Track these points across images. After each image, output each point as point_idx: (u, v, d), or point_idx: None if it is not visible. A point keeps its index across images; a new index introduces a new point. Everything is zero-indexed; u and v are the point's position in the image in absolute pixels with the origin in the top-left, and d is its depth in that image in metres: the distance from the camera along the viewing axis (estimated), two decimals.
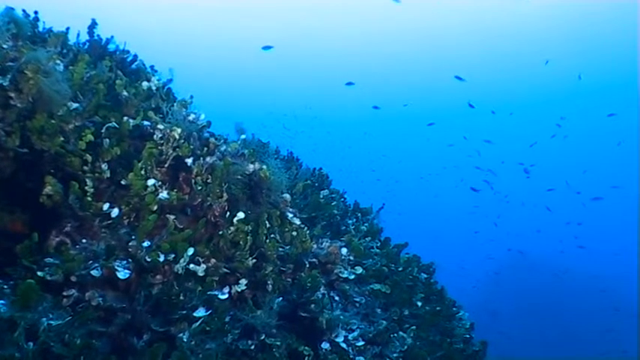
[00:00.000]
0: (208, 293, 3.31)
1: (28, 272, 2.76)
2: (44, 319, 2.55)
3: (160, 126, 3.67)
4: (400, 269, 5.05)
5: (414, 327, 4.46)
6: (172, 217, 3.40)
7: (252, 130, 4.79)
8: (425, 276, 5.35)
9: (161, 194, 3.41)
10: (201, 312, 3.17)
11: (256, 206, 3.96)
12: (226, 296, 3.40)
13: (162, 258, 3.16)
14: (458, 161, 32.88)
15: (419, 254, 5.46)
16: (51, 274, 2.78)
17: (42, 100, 3.07)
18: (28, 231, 2.93)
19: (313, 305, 3.74)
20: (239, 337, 3.31)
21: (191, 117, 3.93)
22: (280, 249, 3.94)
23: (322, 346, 3.63)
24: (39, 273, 2.76)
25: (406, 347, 4.18)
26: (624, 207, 34.09)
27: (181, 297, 3.16)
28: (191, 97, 4.14)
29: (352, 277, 4.35)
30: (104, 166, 3.31)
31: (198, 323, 3.10)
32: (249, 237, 3.64)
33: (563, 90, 40.84)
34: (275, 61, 40.57)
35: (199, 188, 3.61)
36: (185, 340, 3.00)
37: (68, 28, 3.91)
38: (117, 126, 3.48)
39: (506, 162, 31.60)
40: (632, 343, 18.81)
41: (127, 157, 3.47)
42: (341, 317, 3.90)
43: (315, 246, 4.29)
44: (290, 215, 4.27)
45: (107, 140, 3.37)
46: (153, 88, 4.06)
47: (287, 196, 4.28)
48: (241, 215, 3.67)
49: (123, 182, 3.36)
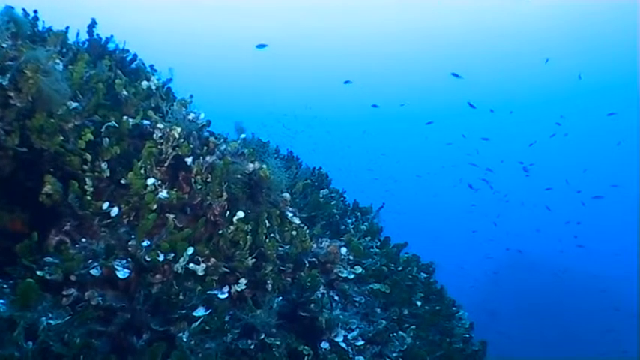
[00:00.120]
0: (208, 292, 3.31)
1: (28, 271, 2.76)
2: (44, 319, 2.55)
3: (160, 125, 3.67)
4: (400, 269, 5.05)
5: (414, 326, 4.47)
6: (172, 217, 3.41)
7: (251, 130, 4.79)
8: (424, 275, 5.35)
9: (161, 193, 3.41)
10: (200, 311, 3.17)
11: (256, 205, 3.96)
12: (226, 295, 3.41)
13: (161, 257, 3.16)
14: (457, 160, 32.87)
15: (417, 254, 5.46)
16: (50, 274, 2.78)
17: (41, 100, 3.07)
18: (28, 230, 2.93)
19: (313, 305, 3.74)
20: (239, 337, 3.31)
21: (191, 116, 3.93)
22: (280, 248, 3.94)
23: (322, 346, 3.63)
24: (38, 272, 2.76)
25: (406, 347, 4.18)
26: (624, 206, 34.11)
27: (181, 296, 3.16)
28: (191, 97, 4.14)
29: (352, 277, 4.36)
30: (104, 165, 3.31)
31: (197, 322, 3.11)
32: (248, 236, 3.64)
33: (562, 89, 40.91)
34: (275, 61, 40.64)
35: (199, 187, 3.61)
36: (185, 340, 3.01)
37: (68, 28, 3.91)
38: (116, 125, 3.48)
39: (505, 161, 31.63)
40: (632, 343, 18.81)
41: (127, 157, 3.47)
42: (340, 317, 3.90)
43: (314, 245, 4.29)
44: (290, 215, 4.27)
45: (107, 139, 3.37)
46: (152, 88, 4.06)
47: (287, 196, 4.28)
48: (241, 214, 3.68)
49: (122, 181, 3.36)
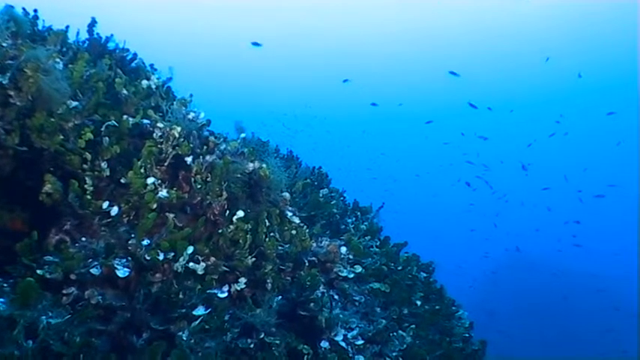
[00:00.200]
0: (208, 292, 3.32)
1: (28, 270, 2.76)
2: (44, 318, 2.55)
3: (160, 124, 3.67)
4: (399, 268, 5.05)
5: (414, 326, 4.47)
6: (172, 216, 3.41)
7: (251, 129, 4.79)
8: (424, 275, 5.35)
9: (161, 193, 3.41)
10: (200, 310, 3.17)
11: (256, 205, 3.96)
12: (226, 295, 3.41)
13: (161, 256, 3.16)
14: (456, 159, 32.90)
15: (416, 253, 5.46)
16: (50, 273, 2.78)
17: (41, 99, 3.07)
18: (28, 229, 2.93)
19: (312, 304, 3.75)
20: (238, 336, 3.31)
21: (191, 115, 3.93)
22: (280, 247, 3.95)
23: (321, 345, 3.63)
24: (38, 271, 2.76)
25: (405, 346, 4.19)
26: (624, 206, 34.10)
27: (181, 295, 3.16)
28: (191, 96, 4.14)
29: (351, 276, 4.36)
30: (104, 165, 3.31)
31: (197, 322, 3.11)
32: (248, 235, 3.64)
33: (562, 89, 40.88)
34: (276, 60, 40.67)
35: (199, 187, 3.61)
36: (184, 339, 3.01)
37: (68, 27, 3.91)
38: (116, 124, 3.48)
39: (505, 160, 31.63)
40: (632, 343, 18.81)
41: (127, 156, 3.47)
42: (340, 316, 3.90)
43: (314, 245, 4.29)
44: (289, 214, 4.28)
45: (107, 138, 3.37)
46: (152, 87, 4.06)
47: (286, 195, 4.28)
48: (241, 214, 3.68)
49: (122, 180, 3.36)
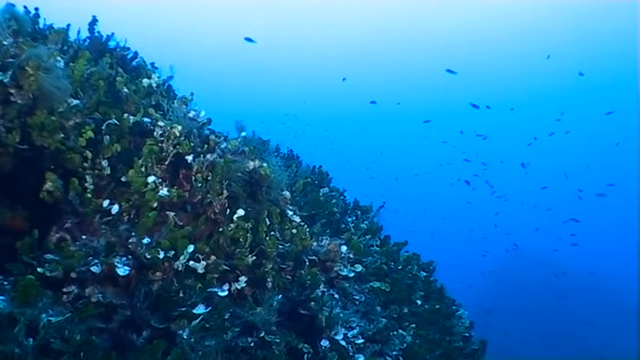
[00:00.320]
0: (208, 290, 3.32)
1: (28, 268, 2.76)
2: (44, 316, 2.55)
3: (161, 123, 3.67)
4: (400, 267, 5.05)
5: (414, 325, 4.47)
6: (172, 214, 3.41)
7: (252, 128, 4.79)
8: (424, 274, 5.36)
9: (161, 191, 3.41)
10: (200, 309, 3.17)
11: (256, 204, 3.96)
12: (226, 293, 3.41)
13: (162, 255, 3.16)
14: (456, 158, 32.81)
15: (415, 252, 5.46)
16: (51, 271, 2.78)
17: (42, 97, 3.07)
18: (29, 227, 2.93)
19: (313, 303, 3.75)
20: (239, 335, 3.31)
21: (191, 114, 3.94)
22: (280, 246, 3.95)
23: (322, 344, 3.63)
24: (39, 269, 2.76)
25: (405, 345, 4.19)
26: (624, 205, 34.08)
27: (181, 294, 3.16)
28: (191, 95, 4.14)
29: (352, 275, 4.36)
30: (104, 163, 3.31)
31: (197, 320, 3.11)
32: (249, 234, 3.64)
33: (563, 88, 40.85)
34: (276, 60, 40.67)
35: (199, 185, 3.61)
36: (185, 337, 3.01)
37: (69, 25, 3.91)
38: (117, 123, 3.48)
39: (505, 159, 31.60)
40: (632, 343, 18.80)
41: (128, 154, 3.48)
42: (340, 315, 3.90)
43: (314, 244, 4.29)
44: (290, 213, 4.28)
45: (107, 137, 3.37)
46: (153, 85, 4.06)
47: (287, 194, 4.28)
48: (241, 212, 3.68)
49: (123, 179, 3.36)
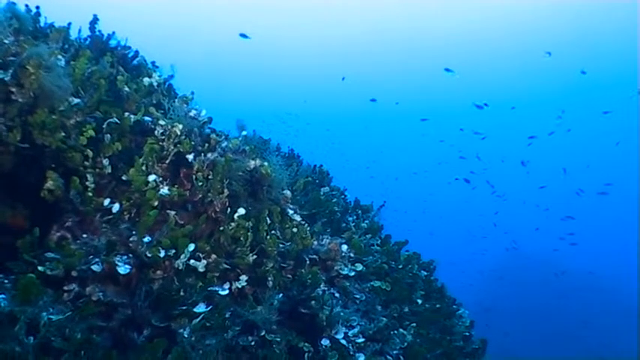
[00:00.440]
0: (209, 289, 3.32)
1: (29, 267, 2.76)
2: (45, 314, 2.55)
3: (162, 122, 3.67)
4: (400, 267, 5.05)
5: (414, 324, 4.47)
6: (173, 213, 3.41)
7: (254, 128, 4.79)
8: (425, 273, 5.36)
9: (162, 190, 3.41)
10: (201, 308, 3.17)
11: (257, 202, 3.96)
12: (227, 292, 3.42)
13: (162, 253, 3.16)
14: (455, 157, 32.78)
15: (416, 251, 5.46)
16: (52, 269, 2.79)
17: (43, 95, 3.07)
18: (29, 226, 2.93)
19: (313, 302, 3.75)
20: (239, 333, 3.31)
21: (192, 113, 3.94)
22: (281, 245, 3.95)
23: (322, 343, 3.64)
24: (40, 268, 2.76)
25: (406, 344, 4.19)
26: (623, 205, 34.04)
27: (182, 293, 3.16)
28: (192, 94, 4.14)
29: (352, 274, 4.36)
30: (105, 162, 3.31)
31: (198, 319, 3.11)
32: (249, 233, 3.65)
33: (562, 88, 40.80)
34: (277, 60, 40.66)
35: (200, 184, 3.61)
36: (185, 336, 3.01)
37: (70, 24, 3.91)
38: (118, 121, 3.48)
39: (505, 158, 31.57)
40: (632, 343, 18.79)
41: (128, 153, 3.48)
42: (341, 314, 3.90)
43: (315, 243, 4.29)
44: (290, 212, 4.28)
45: (108, 136, 3.37)
46: (154, 84, 4.06)
47: (288, 193, 4.28)
48: (242, 211, 3.68)
49: (124, 178, 3.36)
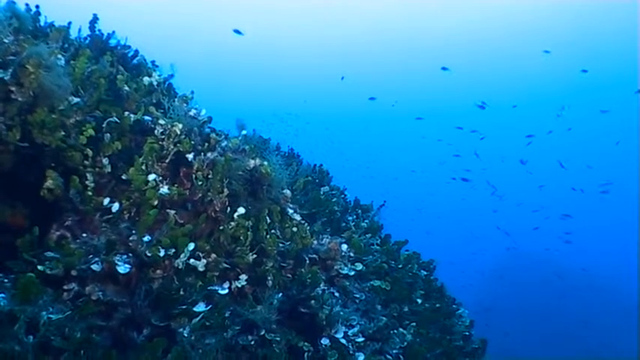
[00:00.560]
0: (208, 288, 3.32)
1: (29, 266, 2.76)
2: (44, 313, 2.55)
3: (161, 121, 3.67)
4: (400, 266, 5.05)
5: (414, 324, 4.47)
6: (173, 212, 3.41)
7: (254, 127, 4.79)
8: (425, 273, 5.36)
9: (162, 189, 3.41)
10: (201, 307, 3.17)
11: (257, 202, 3.96)
12: (226, 291, 3.41)
13: (162, 253, 3.16)
14: (456, 157, 32.79)
15: (416, 251, 5.45)
16: (51, 268, 2.79)
17: (43, 95, 3.07)
18: (29, 225, 2.93)
19: (313, 301, 3.75)
20: (239, 333, 3.31)
21: (192, 112, 3.94)
22: (280, 245, 3.95)
23: (322, 342, 3.64)
24: (39, 267, 2.76)
25: (406, 344, 4.19)
26: (623, 204, 34.01)
27: (181, 292, 3.16)
28: (192, 93, 4.14)
29: (352, 274, 4.36)
30: (105, 161, 3.31)
31: (198, 318, 3.11)
32: (249, 232, 3.64)
33: (562, 88, 40.76)
34: (277, 60, 40.66)
35: (200, 183, 3.61)
36: (185, 335, 3.01)
37: (70, 23, 3.91)
38: (118, 121, 3.48)
39: (505, 157, 31.55)
40: (631, 343, 18.79)
41: (128, 152, 3.48)
42: (341, 313, 3.90)
43: (315, 242, 4.29)
44: (290, 211, 4.28)
45: (108, 135, 3.37)
46: (154, 84, 4.06)
47: (287, 192, 4.28)
48: (242, 211, 3.68)
49: (124, 177, 3.36)
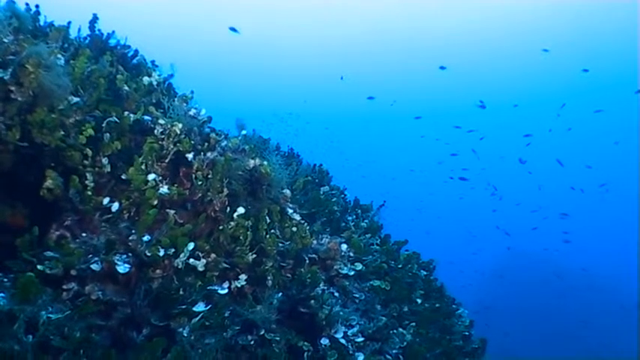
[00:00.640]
0: (208, 288, 3.32)
1: (28, 265, 2.76)
2: (44, 313, 2.55)
3: (161, 121, 3.67)
4: (400, 266, 5.05)
5: (414, 324, 4.47)
6: (172, 212, 3.41)
7: (253, 127, 4.79)
8: (424, 273, 5.36)
9: (161, 189, 3.41)
10: (200, 307, 3.17)
11: (256, 202, 3.96)
12: (226, 291, 3.41)
13: (162, 252, 3.16)
14: (456, 157, 32.76)
15: (415, 251, 5.45)
16: (51, 268, 2.78)
17: (43, 94, 3.07)
18: (29, 225, 2.93)
19: (313, 301, 3.75)
20: (239, 333, 3.31)
21: (192, 112, 3.94)
22: (280, 244, 3.95)
23: (322, 342, 3.64)
24: (39, 266, 2.76)
25: (405, 344, 4.19)
26: (623, 204, 34.02)
27: (181, 292, 3.16)
28: (192, 93, 4.14)
29: (352, 274, 4.36)
30: (104, 161, 3.31)
31: (197, 318, 3.11)
32: (249, 232, 3.64)
33: (562, 88, 40.75)
34: (277, 60, 40.65)
35: (200, 183, 3.61)
36: (185, 335, 3.01)
37: (69, 23, 3.91)
38: (117, 120, 3.48)
39: (505, 157, 31.54)
40: (631, 343, 18.80)
41: (128, 152, 3.48)
42: (340, 313, 3.90)
43: (314, 242, 4.29)
44: (290, 211, 4.28)
45: (108, 135, 3.37)
46: (154, 83, 4.06)
47: (287, 192, 4.28)
48: (241, 210, 3.68)
49: (123, 177, 3.36)
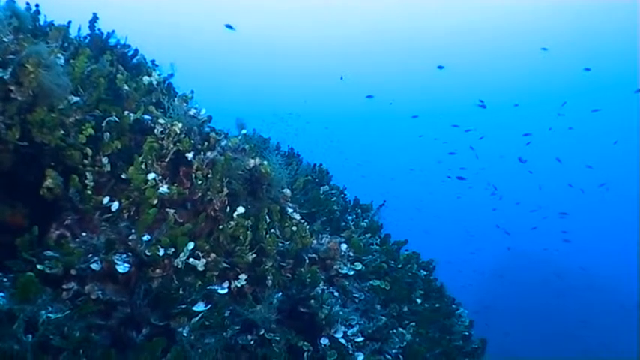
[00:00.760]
0: (208, 288, 3.32)
1: (28, 265, 2.77)
2: (43, 312, 2.56)
3: (161, 120, 3.67)
4: (400, 266, 5.05)
5: (414, 323, 4.47)
6: (172, 212, 3.41)
7: (253, 127, 4.79)
8: (424, 273, 5.36)
9: (161, 188, 3.41)
10: (200, 306, 3.17)
11: (256, 201, 3.96)
12: (226, 291, 3.41)
13: (162, 252, 3.16)
14: (455, 156, 32.75)
15: (415, 251, 5.45)
16: (51, 267, 2.79)
17: (43, 94, 3.07)
18: (29, 224, 2.93)
19: (312, 301, 3.75)
20: (238, 332, 3.31)
21: (192, 112, 3.94)
22: (280, 244, 3.95)
23: (321, 342, 3.64)
24: (39, 266, 2.76)
25: (405, 343, 4.19)
26: (623, 204, 34.01)
27: (181, 291, 3.16)
28: (192, 92, 4.14)
29: (352, 273, 4.36)
30: (104, 160, 3.31)
31: (197, 318, 3.11)
32: (249, 232, 3.64)
33: (562, 88, 40.74)
34: (277, 60, 40.66)
35: (200, 183, 3.61)
36: (185, 335, 3.01)
37: (69, 22, 3.91)
38: (117, 120, 3.48)
39: (504, 157, 31.54)
40: (631, 343, 18.79)
41: (128, 151, 3.48)
42: (340, 313, 3.90)
43: (314, 241, 4.29)
44: (290, 211, 4.28)
45: (108, 134, 3.37)
46: (154, 83, 4.06)
47: (287, 192, 4.28)
48: (241, 210, 3.68)
49: (123, 176, 3.36)
